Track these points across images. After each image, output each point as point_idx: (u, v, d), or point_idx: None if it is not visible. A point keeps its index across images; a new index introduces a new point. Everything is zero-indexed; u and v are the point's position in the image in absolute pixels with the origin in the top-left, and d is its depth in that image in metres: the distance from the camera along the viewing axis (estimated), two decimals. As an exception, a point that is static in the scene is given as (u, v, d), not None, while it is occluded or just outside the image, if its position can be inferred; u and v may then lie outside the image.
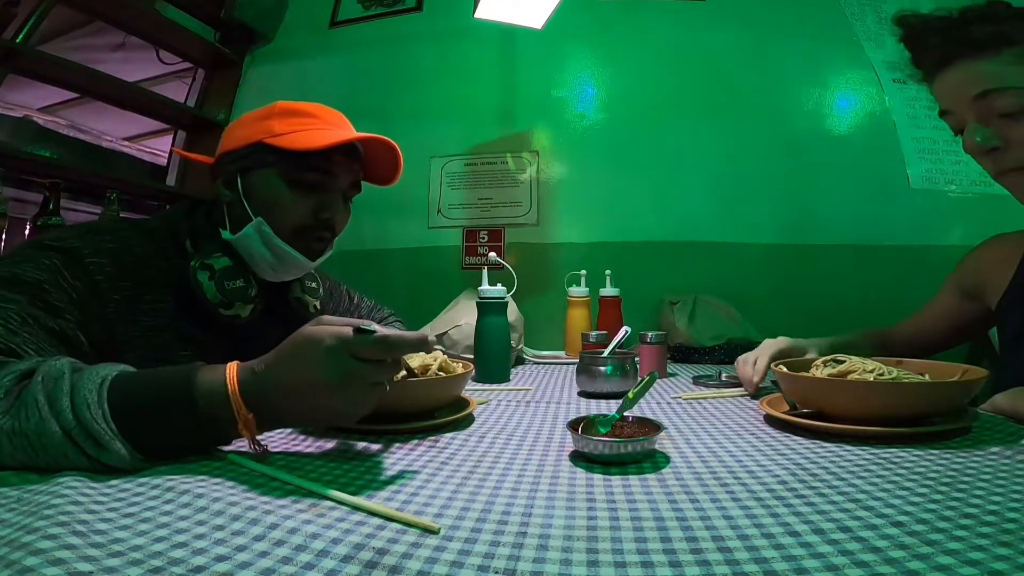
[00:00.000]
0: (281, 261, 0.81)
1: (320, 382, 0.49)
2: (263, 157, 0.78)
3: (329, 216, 0.82)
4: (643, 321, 1.47)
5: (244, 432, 0.49)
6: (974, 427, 0.60)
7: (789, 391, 0.69)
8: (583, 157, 1.84)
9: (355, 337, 0.49)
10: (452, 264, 1.86)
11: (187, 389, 0.49)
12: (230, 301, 0.76)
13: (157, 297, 0.74)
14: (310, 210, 0.81)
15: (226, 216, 0.81)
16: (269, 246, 0.79)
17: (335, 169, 0.81)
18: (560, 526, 0.38)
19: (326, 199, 0.82)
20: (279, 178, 0.79)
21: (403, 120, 1.92)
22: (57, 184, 1.60)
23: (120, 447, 0.46)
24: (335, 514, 0.39)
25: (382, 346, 0.50)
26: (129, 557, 0.32)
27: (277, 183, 0.79)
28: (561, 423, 0.69)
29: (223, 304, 0.76)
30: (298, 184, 0.79)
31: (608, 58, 1.87)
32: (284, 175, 0.79)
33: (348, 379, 0.49)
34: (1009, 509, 0.38)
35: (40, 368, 0.49)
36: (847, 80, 1.76)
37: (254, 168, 0.79)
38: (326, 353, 0.49)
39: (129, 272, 0.71)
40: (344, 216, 0.86)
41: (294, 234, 0.80)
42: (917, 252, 1.63)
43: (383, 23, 2.03)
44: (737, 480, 0.47)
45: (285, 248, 0.80)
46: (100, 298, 0.68)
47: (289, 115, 0.80)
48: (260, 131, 0.79)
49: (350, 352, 0.49)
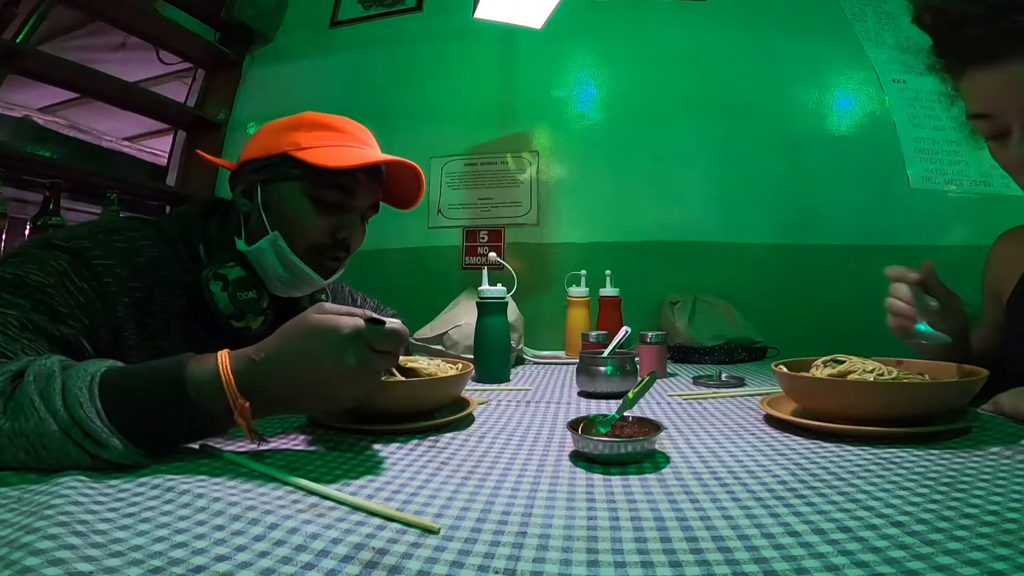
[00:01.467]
0: (294, 277, 0.79)
1: (332, 370, 0.50)
2: (286, 170, 0.77)
3: (347, 236, 0.81)
4: (643, 321, 1.47)
5: (240, 421, 0.49)
6: (974, 427, 0.60)
7: (789, 391, 0.69)
8: (583, 157, 1.84)
9: (371, 327, 0.50)
10: (452, 264, 1.86)
11: (177, 380, 0.48)
12: (241, 313, 0.75)
13: (167, 301, 0.72)
14: (328, 228, 0.79)
15: (242, 226, 0.80)
16: (283, 262, 0.78)
17: (358, 189, 0.80)
18: (560, 526, 0.38)
19: (346, 219, 0.80)
20: (301, 193, 0.77)
21: (403, 120, 1.92)
22: (57, 184, 1.60)
23: (117, 443, 0.46)
24: (335, 514, 0.39)
25: (394, 337, 0.51)
26: (129, 557, 0.32)
27: (298, 198, 0.77)
28: (561, 423, 0.69)
29: (234, 316, 0.75)
30: (319, 201, 0.78)
31: (608, 58, 1.87)
32: (306, 190, 0.77)
33: (361, 368, 0.50)
34: (1009, 509, 0.38)
35: (30, 368, 0.48)
36: (847, 80, 1.76)
37: (275, 180, 0.78)
38: (344, 341, 0.49)
39: (140, 274, 0.70)
40: (361, 236, 0.85)
41: (309, 251, 0.79)
42: (917, 252, 1.61)
43: (383, 23, 2.03)
44: (737, 480, 0.47)
45: (299, 265, 0.78)
46: (108, 301, 0.66)
47: (316, 128, 0.79)
48: (286, 142, 0.77)
49: (367, 342, 0.50)
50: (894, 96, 1.72)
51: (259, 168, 0.78)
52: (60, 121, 1.90)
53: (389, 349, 0.52)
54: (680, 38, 1.81)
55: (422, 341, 1.32)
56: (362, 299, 1.17)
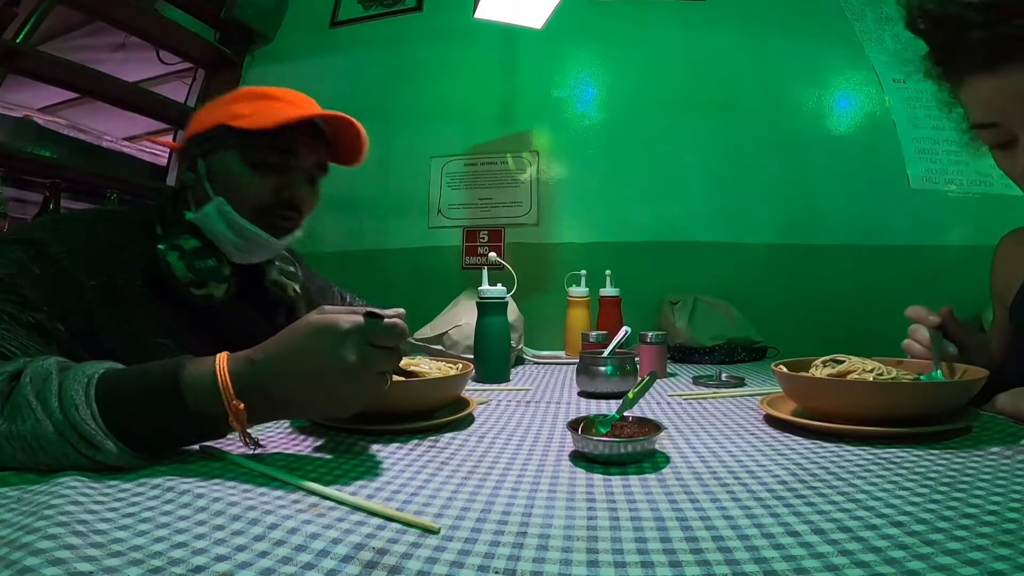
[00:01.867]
0: (246, 241, 0.80)
1: (332, 368, 0.49)
2: (225, 139, 0.78)
3: (291, 196, 0.81)
4: (643, 321, 1.47)
5: (234, 423, 0.48)
6: (974, 427, 0.60)
7: (789, 391, 0.69)
8: (583, 157, 1.83)
9: (369, 321, 0.49)
10: (452, 264, 1.85)
11: (173, 382, 0.48)
12: (202, 280, 0.76)
13: (131, 282, 0.73)
14: (271, 190, 0.80)
15: (189, 198, 0.80)
16: (232, 226, 0.78)
17: (297, 148, 0.81)
18: (560, 526, 0.38)
19: (288, 179, 0.81)
20: (239, 159, 0.79)
21: (403, 120, 1.92)
22: (57, 184, 1.61)
23: (111, 446, 0.45)
24: (335, 514, 0.39)
25: (394, 332, 0.50)
26: (129, 557, 0.32)
27: (237, 164, 0.79)
28: (561, 423, 0.69)
29: (194, 283, 0.75)
30: (258, 164, 0.79)
31: (608, 58, 1.87)
32: (244, 156, 0.79)
33: (362, 365, 0.49)
34: (1009, 509, 0.38)
35: (27, 369, 0.48)
36: (847, 80, 1.76)
37: (216, 150, 0.79)
38: (342, 336, 0.49)
39: (101, 258, 0.71)
40: (311, 198, 0.85)
41: (255, 213, 0.80)
42: (917, 252, 1.62)
43: (383, 23, 2.03)
44: (737, 480, 0.47)
45: (248, 227, 0.78)
46: (74, 284, 0.67)
47: (255, 98, 0.80)
48: (224, 114, 0.78)
49: (365, 338, 0.49)
50: (894, 96, 1.72)
51: (201, 142, 0.80)
52: (60, 121, 1.89)
53: (389, 344, 0.51)
54: (680, 38, 1.81)
55: (422, 341, 1.32)
56: (352, 299, 1.16)
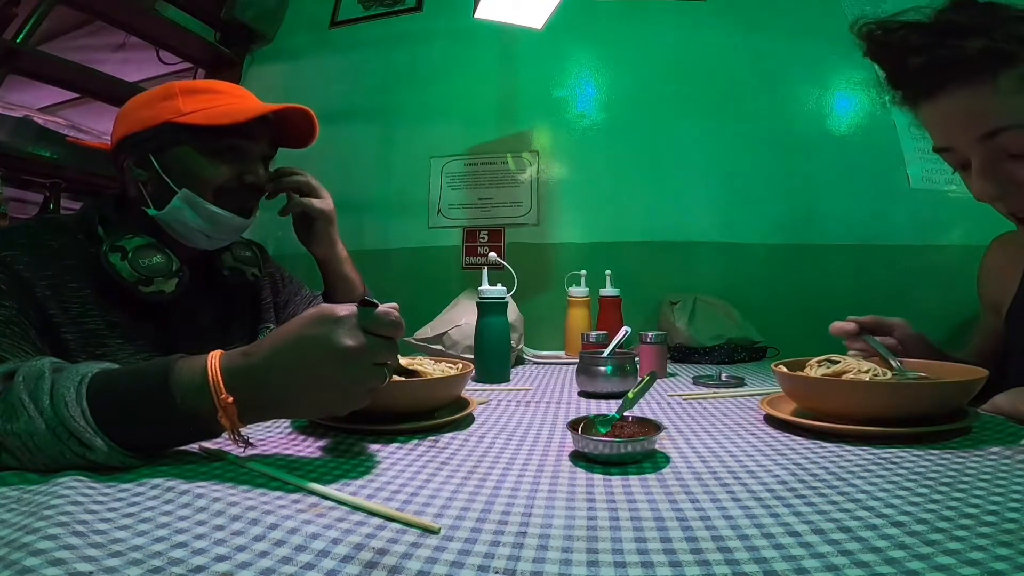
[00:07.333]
0: (216, 224, 0.82)
1: (328, 354, 0.48)
2: (174, 136, 0.79)
3: (254, 179, 0.85)
4: (643, 321, 1.47)
5: (224, 421, 0.48)
6: (974, 427, 0.60)
7: (789, 391, 0.69)
8: (583, 157, 1.83)
9: (363, 309, 0.50)
10: (452, 264, 1.85)
11: (162, 380, 0.48)
12: (148, 278, 0.76)
13: (79, 287, 0.74)
14: (234, 175, 0.83)
15: (145, 195, 0.81)
16: (200, 213, 0.81)
17: (251, 138, 0.83)
18: (560, 526, 0.38)
19: (247, 165, 0.84)
20: (196, 153, 0.80)
21: (403, 120, 1.91)
22: (57, 184, 1.61)
23: (101, 444, 0.45)
24: (335, 514, 0.39)
25: (388, 320, 0.51)
26: (129, 557, 0.32)
27: (195, 156, 0.80)
28: (561, 423, 0.69)
29: (142, 282, 0.76)
30: (216, 154, 0.81)
31: (608, 58, 1.87)
32: (200, 151, 0.80)
33: (358, 351, 0.49)
34: (1009, 509, 0.38)
35: (20, 369, 0.49)
36: (847, 80, 1.75)
37: (167, 147, 0.80)
38: (337, 323, 0.49)
39: (46, 263, 0.72)
40: (265, 177, 0.88)
41: (220, 197, 0.82)
42: (917, 252, 1.62)
43: (383, 23, 2.02)
44: (737, 480, 0.47)
45: (217, 211, 0.81)
46: (26, 285, 0.69)
47: (193, 93, 0.81)
48: (166, 112, 0.79)
49: (361, 324, 0.49)
50: (894, 96, 1.72)
51: (144, 140, 0.80)
52: (60, 121, 1.89)
53: (385, 333, 0.51)
54: (680, 38, 1.81)
55: (422, 341, 1.32)
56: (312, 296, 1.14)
